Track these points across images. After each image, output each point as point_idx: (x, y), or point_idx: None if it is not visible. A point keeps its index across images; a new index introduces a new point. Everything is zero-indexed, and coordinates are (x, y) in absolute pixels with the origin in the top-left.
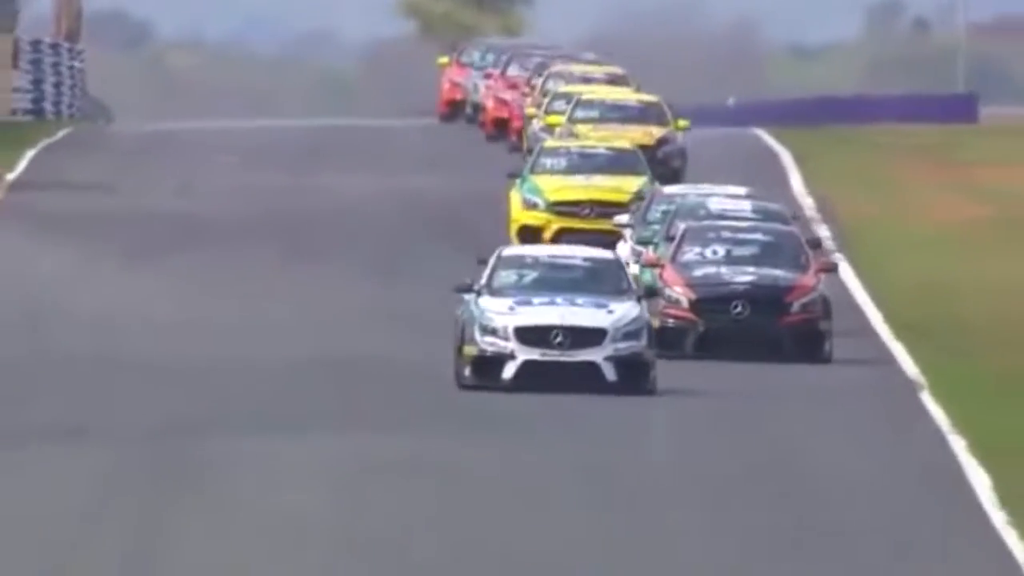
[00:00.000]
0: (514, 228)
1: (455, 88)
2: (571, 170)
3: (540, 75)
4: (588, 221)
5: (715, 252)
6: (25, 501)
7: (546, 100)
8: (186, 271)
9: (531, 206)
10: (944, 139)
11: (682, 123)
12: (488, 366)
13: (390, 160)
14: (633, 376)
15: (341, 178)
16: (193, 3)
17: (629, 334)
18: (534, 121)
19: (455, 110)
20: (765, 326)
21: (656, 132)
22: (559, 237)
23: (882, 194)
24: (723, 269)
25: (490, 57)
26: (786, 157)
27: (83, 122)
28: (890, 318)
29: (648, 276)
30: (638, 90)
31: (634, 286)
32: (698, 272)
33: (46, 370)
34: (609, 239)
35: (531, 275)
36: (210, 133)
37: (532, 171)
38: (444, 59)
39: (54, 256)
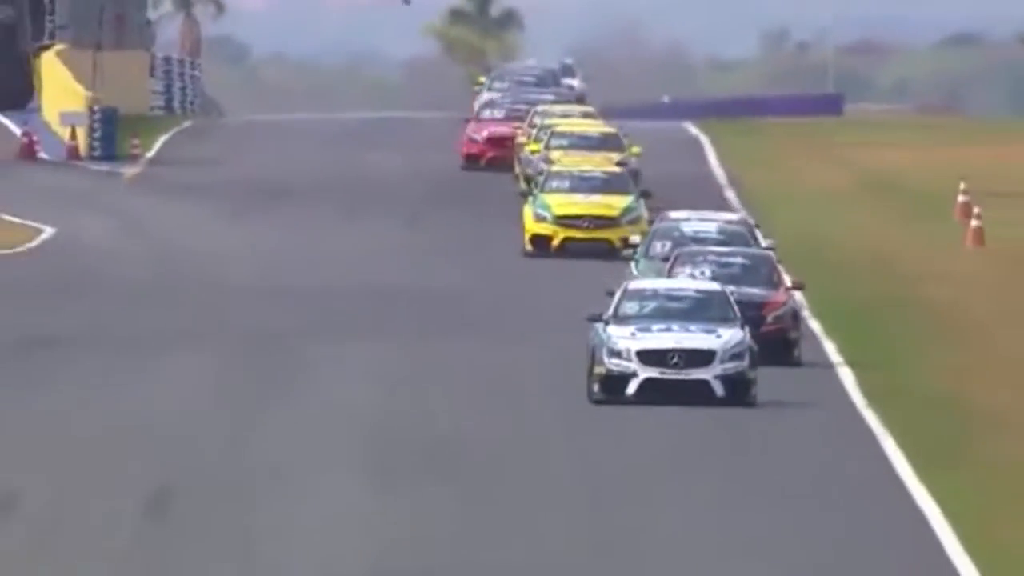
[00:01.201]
0: (527, 237)
1: (472, 144)
2: (572, 190)
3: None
4: (587, 231)
5: (703, 272)
6: (150, 396)
7: (534, 131)
8: (275, 221)
9: (541, 219)
10: (817, 128)
11: (635, 149)
12: (614, 383)
13: (420, 143)
14: (738, 392)
15: (384, 155)
16: (278, 30)
17: (735, 355)
18: (525, 148)
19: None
20: None
21: (615, 156)
22: (564, 245)
23: (772, 168)
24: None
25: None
26: (705, 142)
27: (200, 116)
28: (820, 302)
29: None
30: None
31: (738, 314)
32: None
33: (173, 292)
34: (604, 247)
35: (651, 305)
36: (291, 123)
37: (541, 191)
38: (481, 79)
39: (180, 211)
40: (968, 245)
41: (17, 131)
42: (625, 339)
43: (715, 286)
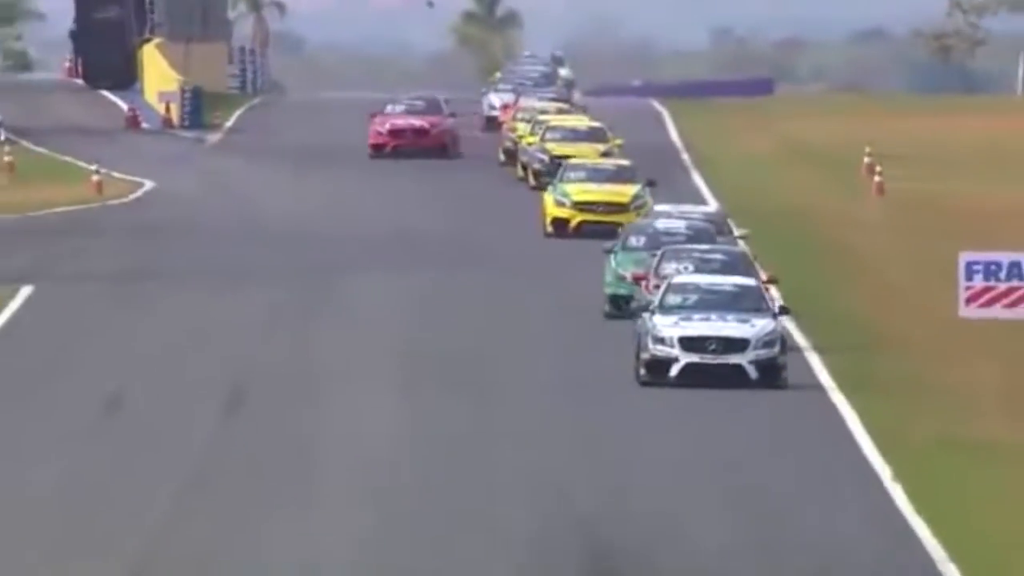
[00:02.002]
0: (548, 220)
1: (378, 135)
2: (588, 179)
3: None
4: (600, 215)
5: (687, 267)
6: (229, 316)
7: (529, 126)
8: (326, 177)
9: (560, 204)
10: (752, 105)
11: (617, 141)
12: (659, 367)
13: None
14: (770, 375)
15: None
16: (328, 27)
17: (767, 343)
18: (522, 141)
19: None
20: None
21: (601, 147)
22: (580, 227)
23: (718, 136)
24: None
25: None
26: (666, 116)
27: (267, 94)
28: (745, 221)
29: (628, 287)
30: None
31: (771, 305)
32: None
33: (248, 234)
34: (614, 228)
35: (693, 297)
36: (337, 101)
37: (560, 181)
38: (497, 74)
39: (252, 169)
40: (872, 195)
41: (124, 107)
42: (668, 327)
43: (750, 281)
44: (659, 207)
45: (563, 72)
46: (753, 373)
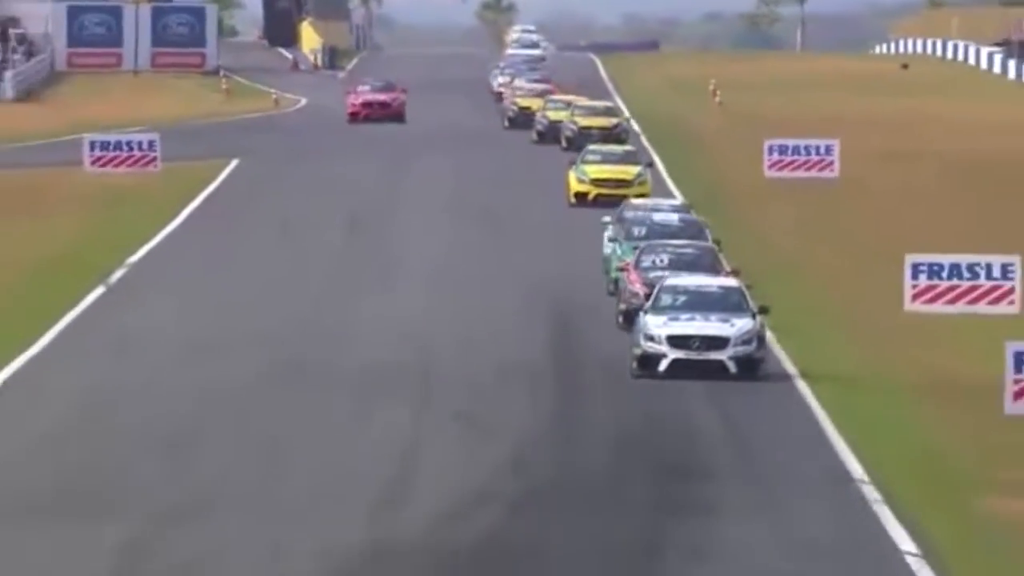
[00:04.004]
0: (572, 193)
1: (353, 107)
2: (602, 161)
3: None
4: (612, 188)
5: (662, 260)
6: (340, 176)
7: (544, 102)
8: (409, 100)
9: (581, 181)
10: (646, 57)
11: (626, 115)
12: (649, 362)
13: (467, 66)
14: (748, 369)
15: (456, 70)
16: (408, 11)
17: (746, 341)
18: (538, 113)
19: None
20: None
21: (613, 120)
22: (597, 198)
23: (627, 74)
24: (666, 273)
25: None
26: (599, 63)
27: (370, 50)
28: (640, 119)
29: (618, 276)
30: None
31: (752, 306)
32: (650, 275)
33: (362, 132)
34: (622, 198)
35: (682, 298)
36: (413, 54)
37: (582, 162)
38: (500, 62)
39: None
40: (714, 108)
41: (289, 57)
42: (658, 327)
43: (733, 283)
44: (634, 201)
45: (536, 39)
46: (733, 368)
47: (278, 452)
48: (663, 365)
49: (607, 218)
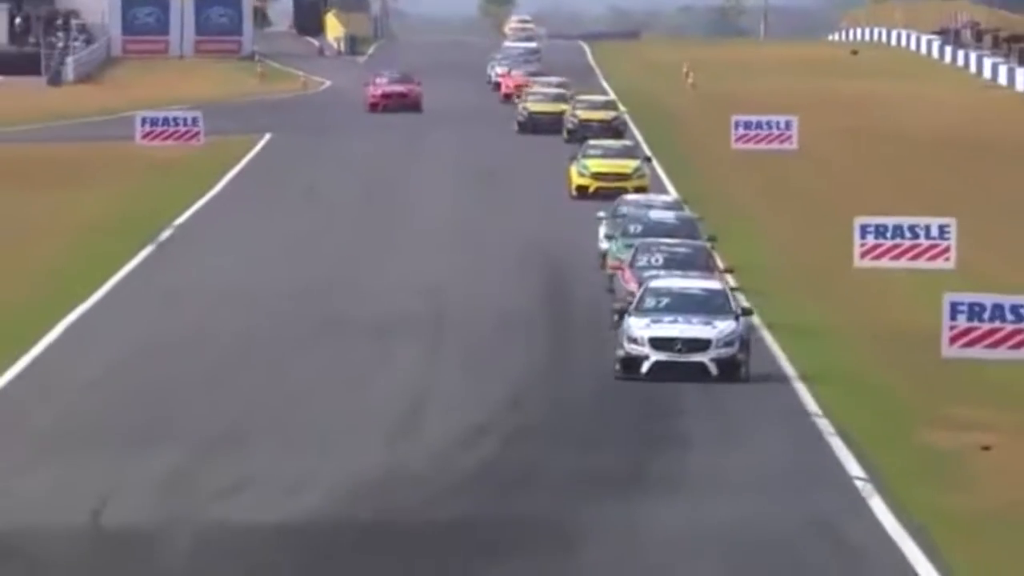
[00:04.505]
0: (574, 186)
1: (373, 97)
2: (602, 156)
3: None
4: (611, 182)
5: (656, 260)
6: (359, 149)
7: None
8: (423, 79)
9: (582, 175)
10: (629, 45)
11: (622, 108)
12: (632, 364)
13: (472, 52)
14: (729, 371)
15: (459, 54)
16: (420, 3)
17: (728, 343)
18: (519, 105)
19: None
20: None
21: (611, 114)
22: (597, 191)
23: (611, 59)
24: (660, 272)
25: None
26: (587, 49)
27: (386, 39)
28: (625, 102)
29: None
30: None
31: (735, 307)
32: (644, 275)
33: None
34: (622, 191)
35: (665, 300)
36: (425, 42)
37: (583, 156)
38: (498, 54)
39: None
40: (687, 88)
41: (316, 44)
42: (641, 328)
43: (717, 285)
44: (628, 197)
45: (530, 26)
46: (714, 370)
47: (306, 390)
48: (645, 367)
49: (601, 213)
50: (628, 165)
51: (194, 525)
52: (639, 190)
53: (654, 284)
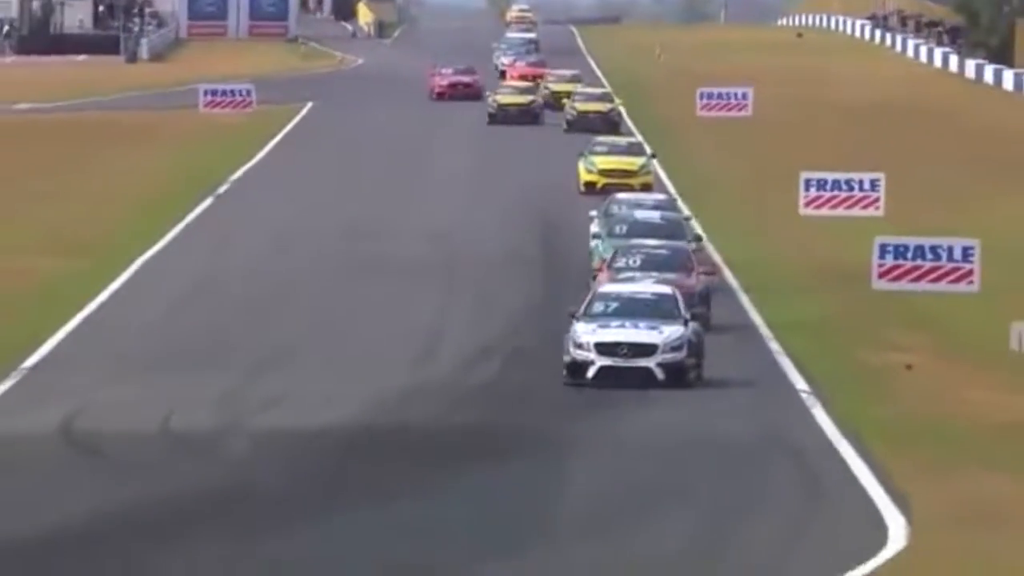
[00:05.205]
0: (582, 182)
1: (440, 88)
2: (609, 153)
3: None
4: (618, 178)
5: (635, 262)
6: (381, 122)
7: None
8: (440, 56)
9: (590, 171)
10: (612, 28)
11: (618, 100)
12: (578, 369)
13: (479, 35)
14: (676, 376)
15: (470, 37)
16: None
17: (674, 348)
18: (489, 98)
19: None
20: None
21: (608, 106)
22: (604, 187)
23: (597, 41)
24: (637, 274)
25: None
26: (576, 33)
27: (410, 24)
28: (607, 73)
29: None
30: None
31: (684, 313)
32: (621, 276)
33: (404, 81)
34: (628, 187)
35: (614, 305)
36: (445, 27)
37: (590, 153)
38: (502, 44)
39: (404, 55)
40: (659, 63)
41: (349, 28)
42: (587, 334)
43: (667, 290)
44: (620, 195)
45: (528, 14)
46: (660, 375)
47: (340, 320)
48: (591, 372)
49: (593, 212)
50: (634, 162)
51: (246, 430)
52: (645, 186)
53: (603, 289)
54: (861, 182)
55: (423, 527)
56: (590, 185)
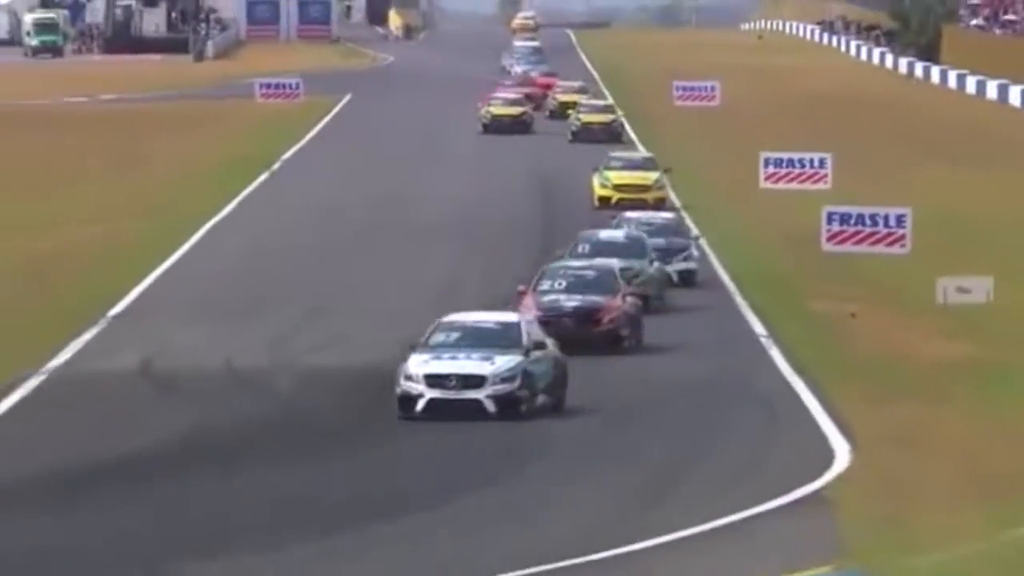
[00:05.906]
0: (596, 197)
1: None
2: (623, 168)
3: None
4: (633, 193)
5: (560, 284)
6: (413, 108)
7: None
8: (469, 58)
9: (604, 186)
10: (602, 32)
11: (619, 112)
12: (407, 402)
13: (492, 38)
14: (508, 409)
15: (483, 38)
16: (458, 2)
17: (506, 379)
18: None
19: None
20: (584, 333)
21: (611, 117)
22: (620, 202)
23: (589, 43)
24: (562, 296)
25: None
26: (572, 35)
27: (431, 27)
28: (597, 69)
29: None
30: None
31: (526, 342)
32: (545, 299)
33: (430, 78)
34: (642, 204)
35: (456, 335)
36: (459, 30)
37: (604, 168)
38: (514, 52)
39: (429, 52)
40: (643, 63)
41: (380, 31)
42: (417, 365)
43: (513, 318)
44: (628, 214)
45: (531, 16)
46: (491, 407)
47: (374, 273)
48: (420, 405)
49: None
50: (648, 177)
51: (295, 368)
52: (658, 201)
53: (446, 319)
54: (812, 160)
55: (448, 451)
56: (604, 200)
